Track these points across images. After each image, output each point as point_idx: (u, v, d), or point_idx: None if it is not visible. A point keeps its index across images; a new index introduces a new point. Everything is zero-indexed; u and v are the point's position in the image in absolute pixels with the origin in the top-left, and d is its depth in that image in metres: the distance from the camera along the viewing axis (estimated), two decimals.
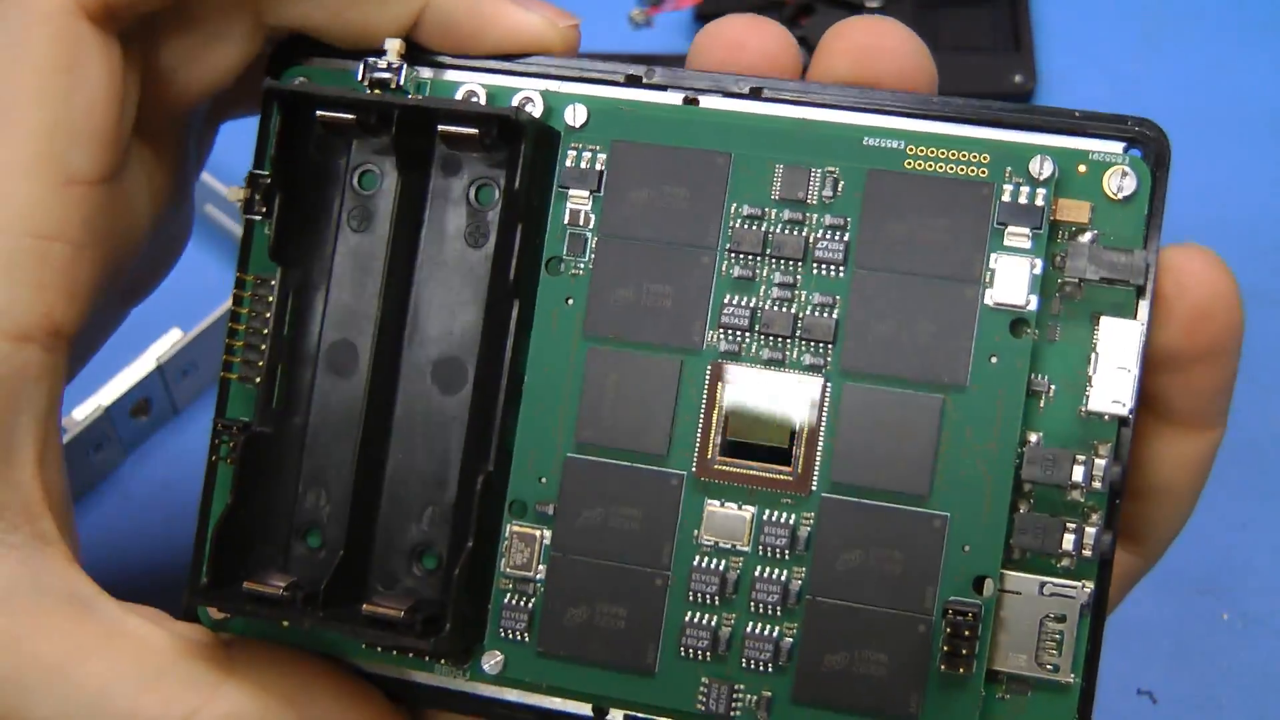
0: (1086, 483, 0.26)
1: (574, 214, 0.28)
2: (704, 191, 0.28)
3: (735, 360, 0.28)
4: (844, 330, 0.27)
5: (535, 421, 0.28)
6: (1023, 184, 0.27)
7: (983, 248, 0.27)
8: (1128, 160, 0.27)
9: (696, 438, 0.28)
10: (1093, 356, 0.26)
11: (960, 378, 0.27)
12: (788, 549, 0.27)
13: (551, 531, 0.28)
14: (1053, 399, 0.27)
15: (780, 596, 0.27)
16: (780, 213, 0.28)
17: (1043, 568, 0.26)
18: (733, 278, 0.28)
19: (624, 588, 0.27)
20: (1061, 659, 0.26)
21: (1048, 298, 0.27)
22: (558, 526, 0.28)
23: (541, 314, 0.28)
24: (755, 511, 0.27)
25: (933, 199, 0.27)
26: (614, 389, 0.28)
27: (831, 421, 0.27)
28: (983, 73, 0.50)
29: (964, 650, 0.26)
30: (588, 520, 0.28)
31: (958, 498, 0.26)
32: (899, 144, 0.28)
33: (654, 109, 0.29)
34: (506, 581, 0.28)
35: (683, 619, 0.27)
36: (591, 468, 0.28)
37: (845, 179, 0.28)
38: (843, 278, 0.27)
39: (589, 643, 0.27)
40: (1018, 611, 0.26)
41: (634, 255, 0.28)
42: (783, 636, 0.27)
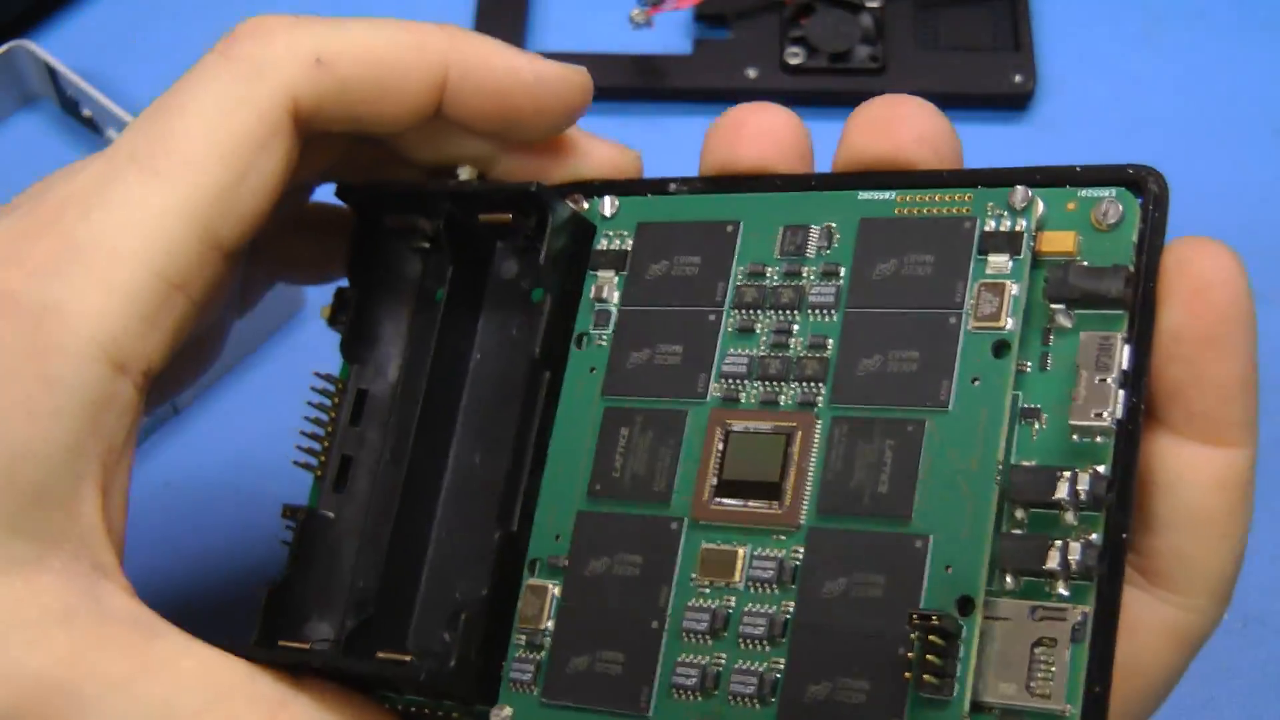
0: (1073, 498, 0.25)
1: (599, 290, 0.31)
2: (714, 258, 0.30)
3: (733, 405, 0.29)
4: (833, 368, 0.28)
5: (557, 484, 0.30)
6: (1004, 215, 0.27)
7: (964, 276, 0.27)
8: (1116, 193, 0.27)
9: (694, 480, 0.29)
10: (1075, 373, 0.26)
11: (943, 400, 0.27)
12: (775, 582, 0.27)
13: (560, 584, 0.29)
14: (1045, 425, 0.26)
15: (767, 629, 0.27)
16: (779, 267, 0.29)
17: (1037, 593, 0.25)
18: (734, 331, 0.29)
19: (622, 634, 0.28)
20: (1054, 687, 0.25)
21: (1036, 328, 0.27)
22: (566, 579, 0.29)
23: (569, 386, 0.30)
24: (748, 549, 0.28)
25: (918, 238, 0.28)
26: (624, 443, 0.29)
27: (821, 454, 0.28)
28: (983, 73, 0.50)
29: (934, 662, 0.25)
30: (593, 570, 0.29)
31: (940, 519, 0.26)
32: (890, 195, 0.29)
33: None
34: (520, 637, 0.29)
35: (675, 659, 0.28)
36: (600, 519, 0.29)
37: (840, 231, 0.29)
38: (834, 320, 0.29)
39: (588, 690, 0.28)
40: (1007, 639, 0.25)
41: (650, 322, 0.30)
42: (769, 670, 0.27)
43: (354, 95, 0.29)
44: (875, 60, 0.50)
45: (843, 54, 0.50)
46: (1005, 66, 0.50)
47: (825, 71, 0.50)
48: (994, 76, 0.50)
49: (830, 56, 0.50)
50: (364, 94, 0.29)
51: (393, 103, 0.30)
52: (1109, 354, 0.26)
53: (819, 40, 0.50)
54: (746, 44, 0.51)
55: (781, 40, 0.51)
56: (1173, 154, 0.49)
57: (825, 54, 0.50)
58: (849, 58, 0.50)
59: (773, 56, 0.50)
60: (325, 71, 0.29)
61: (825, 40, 0.50)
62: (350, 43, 0.29)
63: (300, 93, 0.29)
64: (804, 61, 0.50)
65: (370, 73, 0.29)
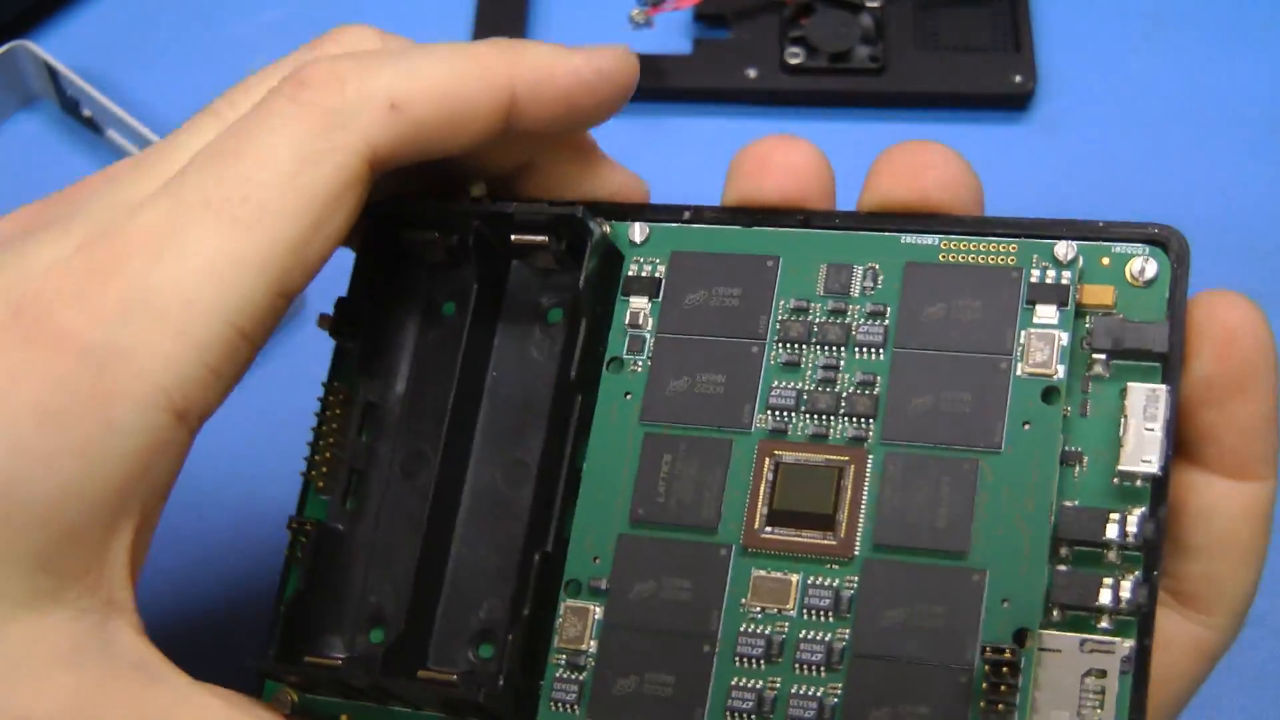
0: (1121, 539, 0.27)
1: (634, 315, 0.31)
2: (754, 290, 0.30)
3: (781, 437, 0.30)
4: (884, 405, 0.29)
5: (592, 506, 0.30)
6: (1049, 267, 0.29)
7: (1013, 324, 0.29)
8: (1148, 251, 0.29)
9: (744, 510, 0.29)
10: (1122, 421, 0.28)
11: (996, 442, 0.28)
12: (831, 610, 0.28)
13: (604, 606, 0.29)
14: (1086, 469, 0.28)
15: (824, 656, 0.28)
16: (824, 304, 0.30)
17: (1082, 626, 0.27)
18: (780, 364, 0.30)
19: (672, 656, 0.28)
20: (1104, 715, 0.26)
21: (1077, 375, 0.28)
22: (610, 600, 0.29)
23: (602, 409, 0.30)
24: (800, 577, 0.28)
25: (966, 284, 0.29)
26: (667, 469, 0.30)
27: (874, 488, 0.29)
28: (983, 73, 0.50)
29: (1003, 691, 0.26)
30: (639, 593, 0.29)
31: (996, 554, 0.27)
32: (934, 239, 0.30)
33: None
34: (559, 657, 0.29)
35: (729, 683, 0.28)
36: (644, 543, 0.29)
37: (885, 272, 0.30)
38: (882, 359, 0.29)
39: (636, 710, 0.28)
40: (1058, 670, 0.27)
41: (689, 350, 0.30)
42: (827, 695, 0.28)
43: (427, 133, 0.29)
44: (875, 60, 0.50)
45: (843, 54, 0.50)
46: (1005, 66, 0.50)
47: (825, 71, 0.50)
48: (994, 76, 0.50)
49: (830, 56, 0.50)
50: (437, 131, 0.29)
51: (463, 134, 0.30)
52: (1156, 405, 0.28)
53: (819, 40, 0.50)
54: (746, 44, 0.51)
55: (781, 40, 0.51)
56: (1173, 154, 0.49)
57: (825, 54, 0.50)
58: (849, 58, 0.50)
59: (773, 56, 0.50)
60: (400, 116, 0.29)
61: (825, 40, 0.50)
62: (421, 83, 0.29)
63: (378, 141, 0.29)
64: (804, 61, 0.50)
65: (442, 110, 0.29)
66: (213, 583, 0.42)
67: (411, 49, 0.30)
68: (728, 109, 0.51)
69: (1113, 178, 0.48)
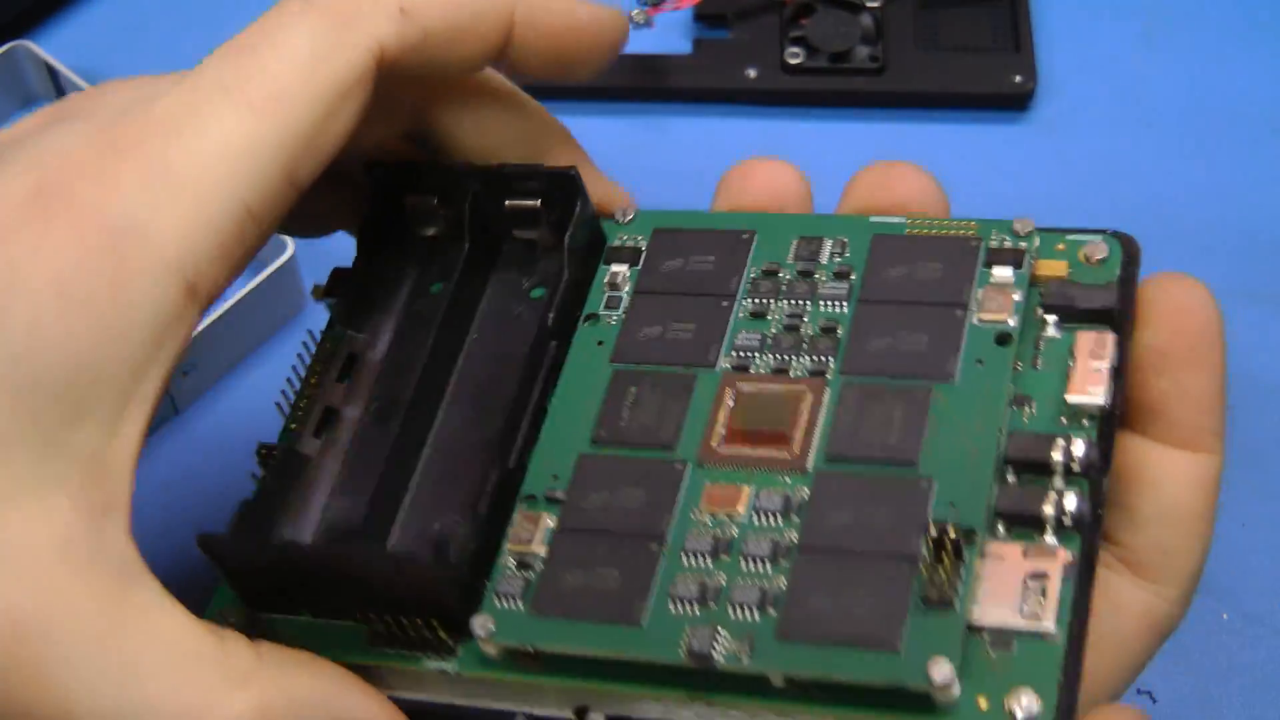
0: (1066, 462, 0.28)
1: (613, 278, 0.33)
2: (729, 258, 0.32)
3: (744, 372, 0.31)
4: (844, 345, 0.31)
5: (556, 434, 0.31)
6: (1006, 239, 0.31)
7: (971, 281, 0.30)
8: (1102, 238, 0.31)
9: (703, 430, 0.30)
10: (1070, 363, 0.29)
11: (949, 373, 0.29)
12: (781, 513, 0.29)
13: (557, 514, 0.30)
14: (1035, 410, 0.29)
15: (771, 550, 0.28)
16: (794, 268, 0.32)
17: (1026, 538, 0.28)
18: (748, 315, 0.32)
19: (620, 554, 0.29)
20: (1044, 611, 0.27)
21: (1029, 334, 0.30)
22: (564, 508, 0.30)
23: (574, 356, 0.32)
24: (753, 488, 0.29)
25: (928, 250, 0.31)
26: (631, 399, 0.31)
27: (830, 411, 0.30)
28: (983, 73, 0.50)
29: (944, 573, 0.27)
30: (593, 501, 0.30)
31: (944, 466, 0.28)
32: (901, 219, 0.32)
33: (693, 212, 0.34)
34: (508, 559, 0.30)
35: (674, 575, 0.28)
36: (602, 460, 0.30)
37: (853, 245, 0.32)
38: (845, 311, 0.31)
39: (580, 603, 0.28)
40: (1002, 572, 0.27)
41: (663, 304, 0.32)
42: (770, 583, 0.28)
43: (434, 41, 0.31)
44: (875, 60, 0.50)
45: (843, 54, 0.50)
46: (1005, 66, 0.50)
47: (825, 71, 0.50)
48: (994, 76, 0.50)
49: (830, 56, 0.50)
50: (443, 39, 0.31)
51: (468, 45, 0.31)
52: (1103, 347, 0.29)
53: (819, 40, 0.50)
54: (746, 44, 0.51)
55: (781, 40, 0.51)
56: (1173, 154, 0.49)
57: (825, 54, 0.50)
58: (849, 58, 0.50)
59: (773, 56, 0.50)
60: (408, 20, 0.30)
61: (825, 40, 0.50)
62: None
63: (386, 41, 0.30)
64: (804, 61, 0.50)
65: (447, 19, 0.31)
66: (214, 582, 0.42)
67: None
68: (728, 109, 0.51)
69: (1113, 178, 0.48)
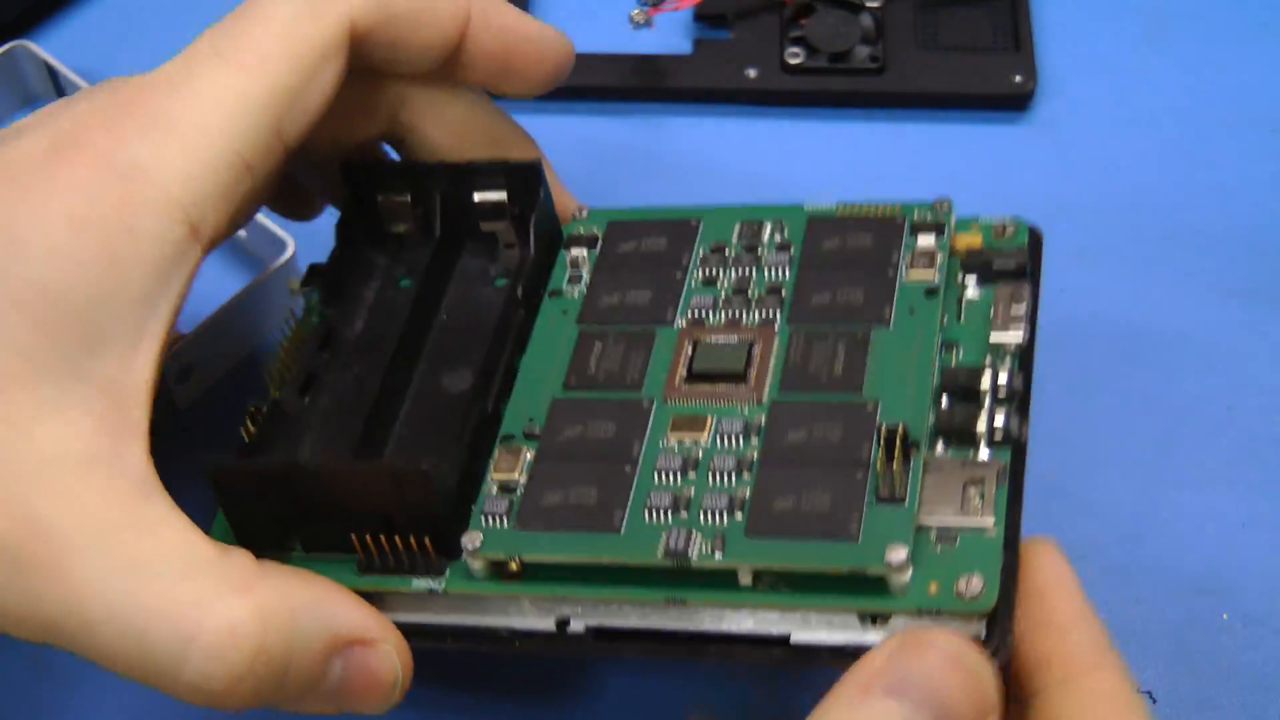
0: (994, 388, 0.32)
1: (574, 259, 0.37)
2: (679, 240, 0.36)
3: (700, 325, 0.35)
4: (788, 301, 0.34)
5: (530, 383, 0.34)
6: (928, 213, 0.35)
7: (899, 248, 0.35)
8: (1011, 216, 0.35)
9: (666, 374, 0.34)
10: (991, 308, 0.34)
11: (885, 318, 0.33)
12: (742, 435, 0.32)
13: (535, 447, 0.33)
14: (962, 351, 0.33)
15: (735, 465, 0.31)
16: (739, 245, 0.36)
17: (962, 453, 0.31)
18: (699, 282, 0.35)
19: (596, 475, 0.32)
20: (983, 509, 0.30)
21: (952, 295, 0.34)
22: (541, 441, 0.33)
23: (542, 321, 0.35)
24: (715, 417, 0.32)
25: (859, 225, 0.35)
26: (597, 353, 0.34)
27: (781, 352, 0.33)
28: (982, 73, 0.50)
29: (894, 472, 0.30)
30: (568, 435, 0.33)
31: (887, 391, 0.32)
32: (832, 205, 0.36)
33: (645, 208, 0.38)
34: (492, 486, 0.32)
35: (648, 490, 0.31)
36: (574, 402, 0.33)
37: (790, 227, 0.36)
38: (788, 278, 0.35)
39: (561, 516, 0.31)
40: (943, 481, 0.31)
41: (620, 276, 0.36)
42: (736, 492, 0.31)
43: (398, 22, 0.34)
44: (875, 60, 0.50)
45: (843, 54, 0.50)
46: (1005, 66, 0.50)
47: (825, 71, 0.50)
48: (994, 76, 0.50)
49: (830, 56, 0.50)
50: (406, 22, 0.34)
51: (429, 30, 0.35)
52: (1020, 295, 0.34)
53: (819, 40, 0.50)
54: (746, 44, 0.51)
55: (781, 40, 0.51)
56: (1173, 154, 0.49)
57: (825, 54, 0.50)
58: (849, 58, 0.50)
59: (773, 56, 0.50)
60: (378, 3, 0.34)
61: (825, 40, 0.50)
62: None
63: (357, 15, 0.33)
64: (804, 61, 0.50)
65: (412, 7, 0.34)
66: None
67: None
68: (728, 109, 0.51)
69: (1113, 178, 0.48)
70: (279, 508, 0.32)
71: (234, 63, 0.32)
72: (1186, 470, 0.42)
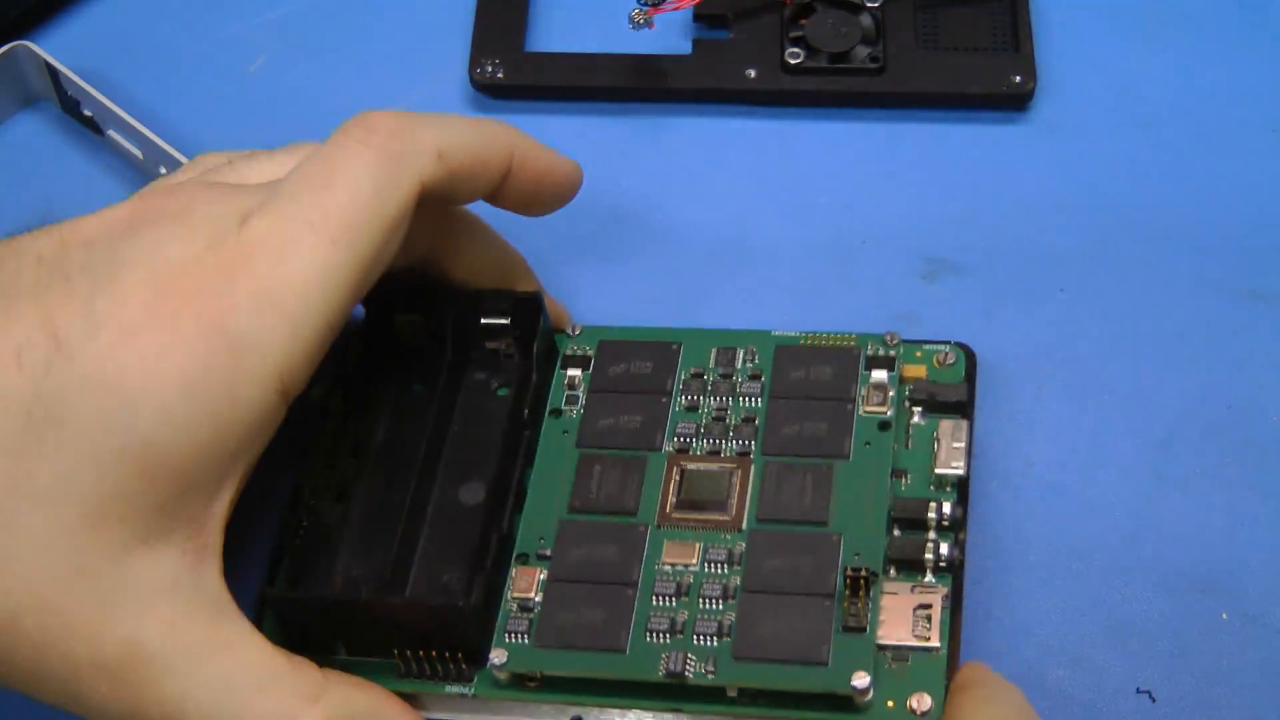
0: (938, 518, 0.38)
1: (570, 380, 0.41)
2: (663, 364, 0.41)
3: (685, 454, 0.40)
4: (762, 431, 0.39)
5: (537, 505, 0.39)
6: (880, 348, 0.40)
7: (855, 382, 0.40)
8: (950, 346, 0.41)
9: (658, 501, 0.39)
10: (934, 443, 0.39)
11: (845, 453, 0.39)
12: (726, 563, 0.37)
13: (547, 568, 0.38)
14: (909, 480, 0.39)
15: (722, 592, 0.37)
16: (716, 372, 0.41)
17: (911, 578, 0.37)
18: (683, 409, 0.40)
19: (602, 598, 0.37)
20: (931, 632, 0.36)
21: (900, 424, 0.39)
22: (552, 563, 0.38)
23: (544, 443, 0.40)
24: (702, 544, 0.38)
25: (820, 356, 0.40)
26: (597, 476, 0.39)
27: (756, 485, 0.39)
28: (982, 73, 0.50)
29: (859, 605, 0.36)
30: (576, 557, 0.38)
31: (848, 524, 0.37)
32: (797, 333, 0.41)
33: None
34: (511, 604, 0.37)
35: (648, 613, 0.37)
36: (579, 524, 0.38)
37: (760, 352, 0.41)
38: (760, 405, 0.40)
39: (575, 636, 0.36)
40: (897, 606, 0.37)
41: (613, 401, 0.40)
42: (724, 618, 0.36)
43: (457, 179, 0.38)
44: (875, 60, 0.50)
45: (842, 54, 0.50)
46: (1005, 66, 0.50)
47: (825, 72, 0.50)
48: (994, 76, 0.50)
49: (830, 57, 0.50)
50: (464, 178, 0.38)
51: (480, 182, 0.39)
52: (960, 430, 0.39)
53: (818, 40, 0.50)
54: (746, 44, 0.51)
55: (781, 40, 0.51)
56: (1173, 154, 0.49)
57: (825, 54, 0.50)
58: (848, 58, 0.50)
59: (773, 56, 0.50)
60: (443, 162, 0.37)
61: (825, 41, 0.50)
62: (459, 141, 0.37)
63: (427, 180, 0.36)
64: (803, 62, 0.50)
65: (470, 163, 0.38)
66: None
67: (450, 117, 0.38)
68: (728, 109, 0.51)
69: (1113, 178, 0.48)
70: (330, 625, 0.37)
71: (327, 238, 0.34)
72: (1186, 470, 0.42)
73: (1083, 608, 0.40)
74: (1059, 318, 0.45)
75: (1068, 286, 0.46)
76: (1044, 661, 0.40)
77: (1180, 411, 0.43)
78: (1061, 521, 0.42)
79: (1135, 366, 0.44)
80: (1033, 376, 0.44)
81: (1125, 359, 0.44)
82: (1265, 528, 0.42)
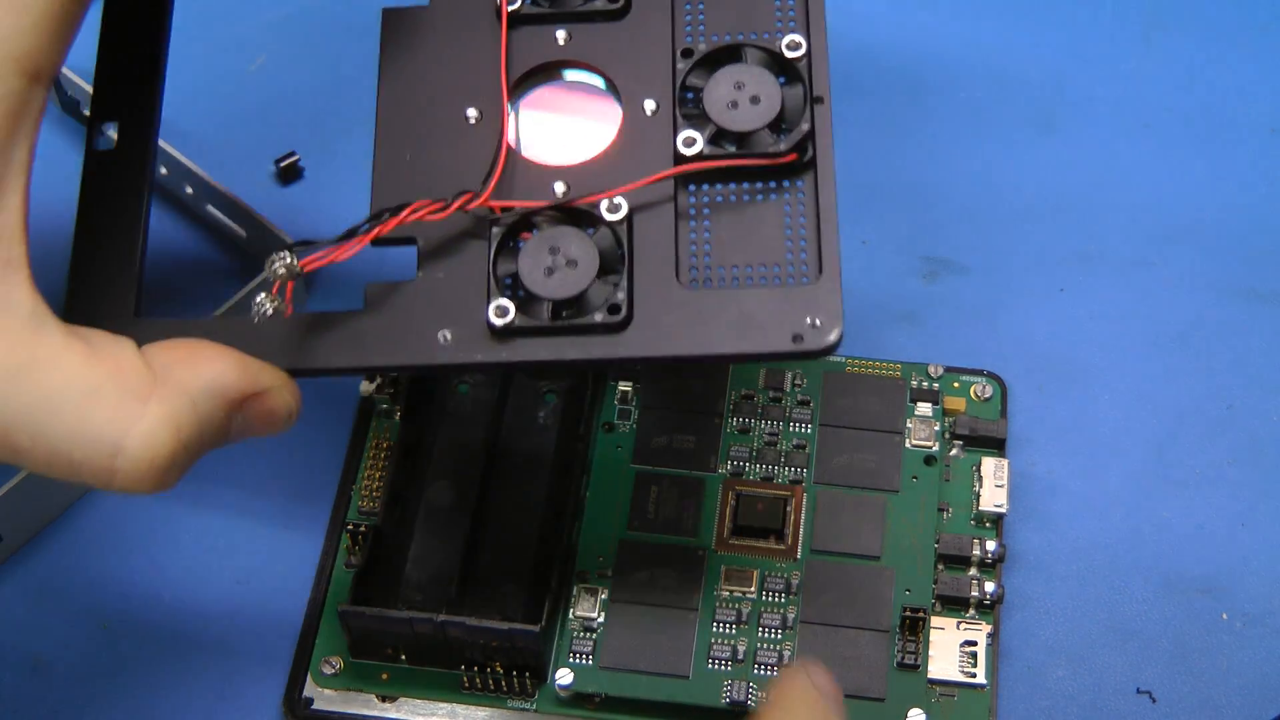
0: (982, 556, 0.40)
1: (623, 395, 0.42)
2: (712, 383, 0.42)
3: (739, 478, 0.41)
4: (814, 460, 0.41)
5: (596, 522, 0.40)
6: (923, 380, 0.42)
7: (902, 414, 0.42)
8: (985, 378, 0.43)
9: (715, 525, 0.40)
10: (978, 480, 0.41)
11: (895, 486, 0.41)
12: (784, 593, 0.39)
13: (609, 587, 0.39)
14: (951, 515, 0.41)
15: (781, 623, 0.39)
16: (766, 394, 0.42)
17: (956, 614, 0.39)
18: (735, 431, 0.42)
19: (664, 622, 0.38)
20: (977, 669, 0.39)
21: (943, 455, 0.41)
22: (614, 583, 0.39)
23: (600, 457, 0.41)
24: (759, 571, 0.39)
25: (867, 387, 0.42)
26: (654, 497, 0.40)
27: (810, 514, 0.40)
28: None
29: (914, 645, 0.38)
30: (637, 579, 0.39)
31: (899, 559, 0.40)
32: (842, 358, 0.43)
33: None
34: (574, 624, 0.39)
35: (709, 641, 0.38)
36: (639, 545, 0.40)
37: (808, 377, 0.42)
38: (810, 432, 0.42)
39: (639, 659, 0.38)
40: (944, 642, 0.39)
41: (666, 417, 0.42)
42: (782, 645, 0.38)
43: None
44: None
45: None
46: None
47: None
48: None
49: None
50: None
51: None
52: (1001, 470, 0.41)
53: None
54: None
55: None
56: (1173, 154, 0.49)
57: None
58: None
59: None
60: None
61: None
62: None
63: None
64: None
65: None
66: (216, 579, 0.42)
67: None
68: None
69: (1113, 178, 0.48)
70: (398, 637, 0.38)
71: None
72: (1187, 470, 0.43)
73: (1083, 608, 0.40)
74: (1059, 318, 0.45)
75: (1068, 286, 0.46)
76: (1044, 661, 0.40)
77: (1180, 411, 0.44)
78: (1062, 521, 0.42)
79: (1135, 366, 0.44)
80: (1032, 376, 0.44)
81: (1125, 359, 0.44)
82: (1265, 528, 0.42)
